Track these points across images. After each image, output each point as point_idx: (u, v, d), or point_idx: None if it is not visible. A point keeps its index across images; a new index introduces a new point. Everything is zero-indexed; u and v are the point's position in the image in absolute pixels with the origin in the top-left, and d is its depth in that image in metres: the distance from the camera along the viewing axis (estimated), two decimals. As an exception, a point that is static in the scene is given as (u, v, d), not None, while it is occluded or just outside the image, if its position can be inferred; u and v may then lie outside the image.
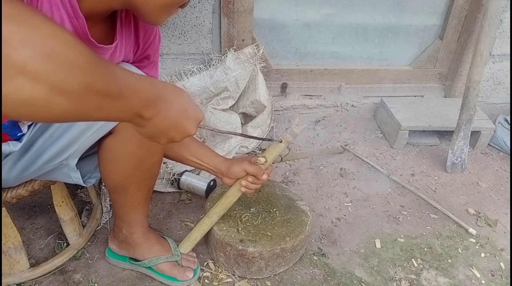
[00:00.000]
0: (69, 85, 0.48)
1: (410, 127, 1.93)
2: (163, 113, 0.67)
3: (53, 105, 0.48)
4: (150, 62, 1.09)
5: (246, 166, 1.13)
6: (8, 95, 0.44)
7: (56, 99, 0.48)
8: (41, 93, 0.46)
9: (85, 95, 0.51)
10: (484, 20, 1.74)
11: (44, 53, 0.45)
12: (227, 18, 1.79)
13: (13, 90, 0.44)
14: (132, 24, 0.97)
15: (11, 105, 0.45)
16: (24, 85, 0.44)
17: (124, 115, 0.60)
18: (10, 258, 1.16)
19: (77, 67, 0.49)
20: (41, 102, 0.47)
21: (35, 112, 0.48)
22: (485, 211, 1.65)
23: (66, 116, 0.52)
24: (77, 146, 0.95)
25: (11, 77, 0.43)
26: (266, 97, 1.85)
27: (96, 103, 0.53)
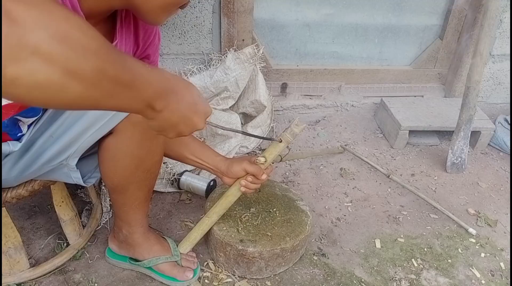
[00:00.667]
0: (83, 69, 0.48)
1: (410, 127, 1.93)
2: (173, 106, 0.67)
3: (67, 90, 0.48)
4: (150, 62, 1.09)
5: (246, 165, 1.13)
6: (23, 77, 0.44)
7: (70, 83, 0.48)
8: (56, 75, 0.46)
9: (98, 81, 0.50)
10: (484, 20, 1.74)
11: (58, 36, 0.45)
12: (227, 18, 1.79)
13: (28, 71, 0.44)
14: (132, 23, 0.97)
15: (26, 87, 0.45)
16: (38, 67, 0.44)
17: (135, 105, 0.60)
18: (10, 258, 1.16)
19: (90, 51, 0.49)
20: (56, 86, 0.47)
21: (49, 96, 0.48)
22: (485, 211, 1.65)
23: (79, 103, 0.51)
24: (77, 146, 0.95)
25: (25, 58, 0.43)
26: (266, 97, 1.85)
27: (108, 90, 0.53)
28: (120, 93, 0.55)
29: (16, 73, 0.43)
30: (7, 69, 0.43)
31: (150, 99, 0.62)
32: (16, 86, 0.44)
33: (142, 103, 0.61)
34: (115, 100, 0.55)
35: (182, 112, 0.69)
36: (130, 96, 0.57)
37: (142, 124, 0.95)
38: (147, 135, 0.98)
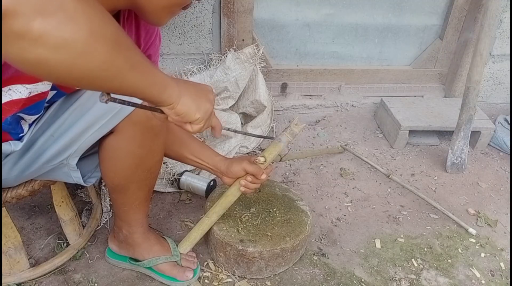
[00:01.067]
0: (105, 32, 0.48)
1: (410, 127, 1.93)
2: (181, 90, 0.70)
3: (94, 51, 0.48)
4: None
5: (246, 165, 1.13)
6: (49, 31, 0.43)
7: (96, 45, 0.48)
8: (82, 34, 0.46)
9: (118, 45, 0.51)
10: (484, 20, 1.74)
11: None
12: (227, 18, 1.79)
13: (55, 26, 0.43)
14: (134, 24, 0.97)
15: (52, 46, 0.44)
16: (65, 23, 0.44)
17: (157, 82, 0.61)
18: (10, 258, 1.16)
19: (107, 16, 0.50)
20: (82, 45, 0.46)
21: (75, 58, 0.47)
22: (485, 211, 1.65)
23: (103, 70, 0.51)
24: (78, 145, 0.95)
25: (52, 13, 0.43)
26: (266, 97, 1.85)
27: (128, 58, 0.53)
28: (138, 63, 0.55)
29: (44, 28, 0.43)
30: (34, 23, 0.42)
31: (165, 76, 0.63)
32: (43, 44, 0.44)
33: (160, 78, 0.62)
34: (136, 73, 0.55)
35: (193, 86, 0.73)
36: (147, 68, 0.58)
37: (143, 123, 0.95)
38: (148, 135, 0.98)
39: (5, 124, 0.87)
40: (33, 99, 0.86)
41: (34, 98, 0.86)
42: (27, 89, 0.82)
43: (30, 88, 0.83)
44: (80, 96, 0.94)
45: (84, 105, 0.92)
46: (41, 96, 0.87)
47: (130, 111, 0.92)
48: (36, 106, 0.89)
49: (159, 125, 0.99)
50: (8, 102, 0.83)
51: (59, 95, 0.94)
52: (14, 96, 0.83)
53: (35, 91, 0.84)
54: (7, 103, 0.83)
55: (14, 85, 0.81)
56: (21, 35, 0.42)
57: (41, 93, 0.86)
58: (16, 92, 0.82)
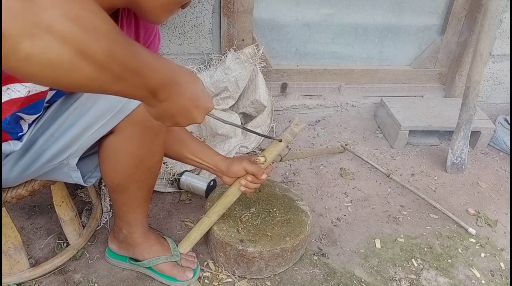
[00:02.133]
0: (94, 51, 0.49)
1: (410, 127, 1.93)
2: (175, 97, 0.67)
3: (78, 70, 0.49)
4: None
5: (246, 164, 1.13)
6: (35, 54, 0.45)
7: (81, 64, 0.49)
8: (68, 55, 0.47)
9: (107, 63, 0.52)
10: (484, 20, 1.74)
11: (71, 15, 0.46)
12: (227, 18, 1.79)
13: (41, 48, 0.45)
14: (133, 23, 0.97)
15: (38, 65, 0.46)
16: (51, 45, 0.45)
17: (139, 92, 0.61)
18: (10, 258, 1.16)
19: (102, 33, 0.50)
20: (67, 65, 0.48)
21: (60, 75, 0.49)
22: (485, 211, 1.65)
23: (87, 84, 0.52)
24: (78, 145, 0.95)
25: (39, 36, 0.44)
26: (266, 97, 1.85)
27: (116, 74, 0.54)
28: (127, 78, 0.56)
29: (30, 50, 0.45)
30: (22, 45, 0.44)
31: (154, 88, 0.62)
32: (29, 63, 0.46)
33: (146, 91, 0.62)
34: (121, 85, 0.56)
35: (183, 104, 0.70)
36: (136, 82, 0.58)
37: (143, 123, 0.95)
38: (148, 135, 0.98)
39: (4, 124, 0.87)
40: (32, 99, 0.86)
41: (33, 97, 0.86)
42: (26, 87, 0.82)
43: (29, 87, 0.83)
44: (80, 96, 0.94)
45: (84, 105, 0.92)
46: (40, 95, 0.87)
47: (130, 111, 0.92)
48: (36, 106, 0.89)
49: (159, 125, 0.99)
50: (7, 101, 0.83)
51: (59, 95, 0.94)
52: (13, 95, 0.83)
53: (34, 90, 0.84)
54: (6, 102, 0.83)
55: (13, 84, 0.81)
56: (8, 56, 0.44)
57: (40, 93, 0.86)
58: (15, 91, 0.82)
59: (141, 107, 0.92)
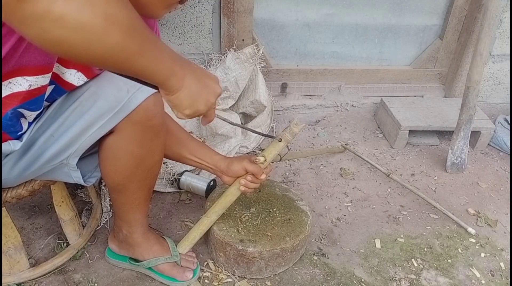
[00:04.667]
0: (120, 17, 0.52)
1: (410, 127, 1.93)
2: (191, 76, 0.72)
3: (108, 36, 0.51)
4: None
5: (246, 164, 1.13)
6: (69, 14, 0.47)
7: (111, 29, 0.51)
8: (98, 18, 0.49)
9: (132, 30, 0.54)
10: (484, 20, 1.74)
11: None
12: (227, 18, 1.79)
13: (75, 9, 0.47)
14: None
15: (71, 28, 0.48)
16: (83, 7, 0.48)
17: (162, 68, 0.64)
18: (10, 258, 1.16)
19: (124, 4, 0.53)
20: (98, 29, 0.50)
21: (91, 41, 0.51)
22: (485, 211, 1.65)
23: (116, 54, 0.55)
24: (78, 145, 0.95)
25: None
26: (266, 97, 1.85)
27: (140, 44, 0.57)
28: (149, 50, 0.59)
29: (64, 9, 0.46)
30: (55, 5, 0.46)
31: (174, 63, 0.65)
32: (63, 24, 0.47)
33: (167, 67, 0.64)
34: (144, 60, 0.59)
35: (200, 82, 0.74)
36: (157, 57, 0.61)
37: (143, 123, 0.95)
38: (148, 135, 0.98)
39: (5, 120, 0.87)
40: (33, 93, 0.86)
41: (34, 92, 0.86)
42: (27, 81, 0.82)
43: (30, 80, 0.83)
44: (80, 95, 0.94)
45: (84, 105, 0.92)
46: (41, 90, 0.87)
47: (130, 111, 0.92)
48: (36, 101, 0.89)
49: (159, 125, 0.99)
50: (8, 95, 0.83)
51: (58, 91, 0.94)
52: (14, 89, 0.83)
53: (35, 84, 0.84)
54: (7, 96, 0.83)
55: (15, 78, 0.82)
56: (43, 16, 0.46)
57: (41, 87, 0.86)
58: (16, 85, 0.83)
59: (141, 107, 0.92)
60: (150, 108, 0.94)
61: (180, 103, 0.74)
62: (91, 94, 0.92)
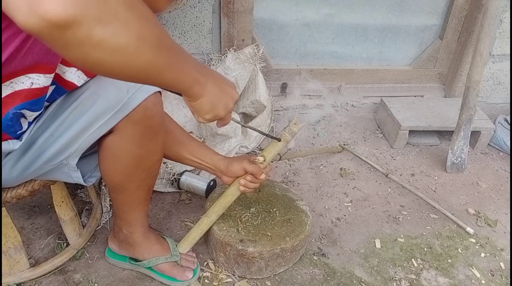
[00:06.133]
0: (150, 35, 0.55)
1: (410, 127, 1.93)
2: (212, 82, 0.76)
3: (141, 54, 0.55)
4: None
5: (246, 164, 1.13)
6: (107, 38, 0.50)
7: (143, 48, 0.55)
8: (133, 39, 0.53)
9: (160, 47, 0.58)
10: (484, 20, 1.74)
11: (130, 4, 0.52)
12: (227, 18, 1.79)
13: (111, 33, 0.50)
14: None
15: (109, 50, 0.51)
16: (119, 30, 0.51)
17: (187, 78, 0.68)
18: (10, 258, 1.16)
19: (152, 21, 0.56)
20: (133, 49, 0.53)
21: (127, 60, 0.54)
22: (485, 211, 1.65)
23: (148, 70, 0.58)
24: (78, 145, 0.95)
25: (109, 21, 0.50)
26: (266, 97, 1.85)
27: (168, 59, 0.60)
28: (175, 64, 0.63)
29: (102, 35, 0.49)
30: (95, 31, 0.49)
31: (197, 73, 0.70)
32: (101, 48, 0.51)
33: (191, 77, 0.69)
34: (172, 73, 0.63)
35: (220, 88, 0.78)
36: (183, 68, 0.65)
37: (143, 123, 0.95)
38: (147, 134, 0.98)
39: (6, 120, 0.87)
40: (35, 93, 0.86)
41: (36, 91, 0.86)
42: (29, 78, 0.83)
43: (33, 77, 0.83)
44: (80, 95, 0.94)
45: (84, 105, 0.92)
46: (43, 90, 0.87)
47: (129, 111, 0.92)
48: (38, 102, 0.89)
49: (159, 124, 0.99)
50: (10, 94, 0.83)
51: (59, 91, 0.94)
52: (16, 87, 0.83)
53: (37, 82, 0.84)
54: (9, 95, 0.83)
55: (17, 77, 0.82)
56: (83, 42, 0.49)
57: (43, 88, 0.86)
58: (18, 83, 0.83)
59: (140, 107, 0.92)
60: (149, 107, 0.94)
61: (201, 109, 0.78)
62: (91, 94, 0.92)
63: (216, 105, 0.79)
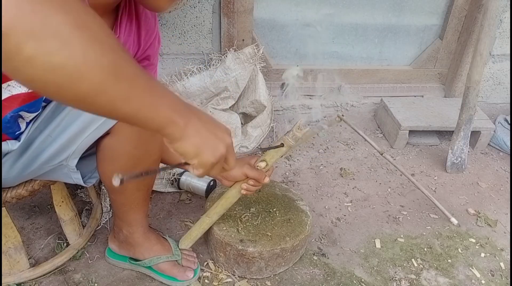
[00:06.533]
0: (101, 60, 0.48)
1: (410, 127, 1.93)
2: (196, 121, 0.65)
3: (83, 78, 0.48)
4: (150, 64, 1.09)
5: (247, 170, 1.09)
6: (39, 56, 0.44)
7: (87, 71, 0.47)
8: (72, 61, 0.46)
9: (115, 75, 0.50)
10: (484, 20, 1.74)
11: (78, 23, 0.46)
12: (227, 18, 1.79)
13: (46, 52, 0.44)
14: (134, 22, 0.96)
15: (40, 69, 0.45)
16: (56, 50, 0.45)
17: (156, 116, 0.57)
18: (10, 258, 1.16)
19: (108, 45, 0.49)
20: (71, 70, 0.46)
21: (63, 82, 0.47)
22: (485, 211, 1.65)
23: (92, 96, 0.50)
24: (76, 146, 0.95)
25: (45, 39, 0.44)
26: (266, 97, 1.85)
27: (124, 90, 0.51)
28: (137, 96, 0.53)
29: (35, 51, 0.44)
30: (26, 45, 0.43)
31: (173, 112, 0.59)
32: (32, 66, 0.45)
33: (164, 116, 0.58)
34: (132, 107, 0.53)
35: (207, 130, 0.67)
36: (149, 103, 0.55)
37: None
38: (145, 136, 0.98)
39: (4, 122, 0.87)
40: (32, 95, 0.86)
41: (33, 93, 0.85)
42: None
43: None
44: None
45: None
46: None
47: None
48: (35, 104, 0.89)
49: None
50: (8, 97, 0.83)
51: None
52: (13, 91, 0.83)
53: None
54: (7, 99, 0.83)
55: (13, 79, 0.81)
56: (13, 54, 0.44)
57: None
58: (15, 87, 0.82)
59: None
60: None
61: (184, 153, 0.67)
62: None
63: (201, 149, 0.67)
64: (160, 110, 0.58)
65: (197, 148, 0.67)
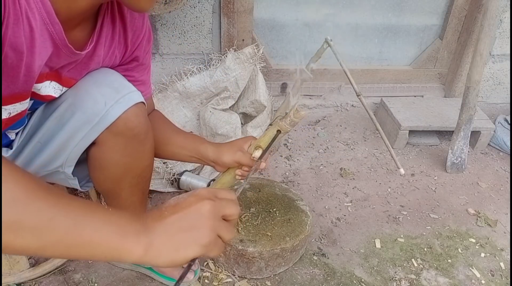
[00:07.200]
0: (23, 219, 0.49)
1: (410, 127, 1.93)
2: (161, 233, 0.63)
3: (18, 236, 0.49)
4: (139, 64, 1.04)
5: (239, 157, 1.03)
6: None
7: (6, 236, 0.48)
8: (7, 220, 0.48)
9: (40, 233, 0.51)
10: (484, 20, 1.74)
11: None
12: (227, 18, 1.79)
13: None
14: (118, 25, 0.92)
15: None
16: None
17: (103, 254, 0.57)
18: (10, 258, 1.16)
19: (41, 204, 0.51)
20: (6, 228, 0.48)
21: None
22: (485, 211, 1.65)
23: (41, 252, 0.52)
24: (67, 154, 0.93)
25: None
26: (266, 97, 1.85)
27: (65, 242, 0.53)
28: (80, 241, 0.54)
29: None
30: None
31: (121, 238, 0.59)
32: None
33: (110, 248, 0.57)
34: (84, 250, 0.55)
35: (178, 231, 0.62)
36: (83, 244, 0.55)
37: (125, 134, 0.93)
38: (131, 144, 0.95)
39: None
40: (14, 119, 0.84)
41: (15, 117, 0.84)
42: (6, 110, 0.80)
43: (9, 108, 0.80)
44: (58, 106, 0.91)
45: (63, 116, 0.90)
46: (21, 114, 0.85)
47: (109, 124, 0.89)
48: (19, 122, 0.89)
49: (143, 133, 0.96)
50: None
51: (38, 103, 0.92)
52: None
53: (14, 111, 0.82)
54: None
55: None
56: None
57: (21, 112, 0.84)
58: None
59: (120, 119, 0.89)
60: (130, 119, 0.91)
61: (162, 264, 0.61)
62: (69, 106, 0.90)
63: (179, 251, 0.60)
64: (99, 245, 0.57)
65: (175, 253, 0.60)
